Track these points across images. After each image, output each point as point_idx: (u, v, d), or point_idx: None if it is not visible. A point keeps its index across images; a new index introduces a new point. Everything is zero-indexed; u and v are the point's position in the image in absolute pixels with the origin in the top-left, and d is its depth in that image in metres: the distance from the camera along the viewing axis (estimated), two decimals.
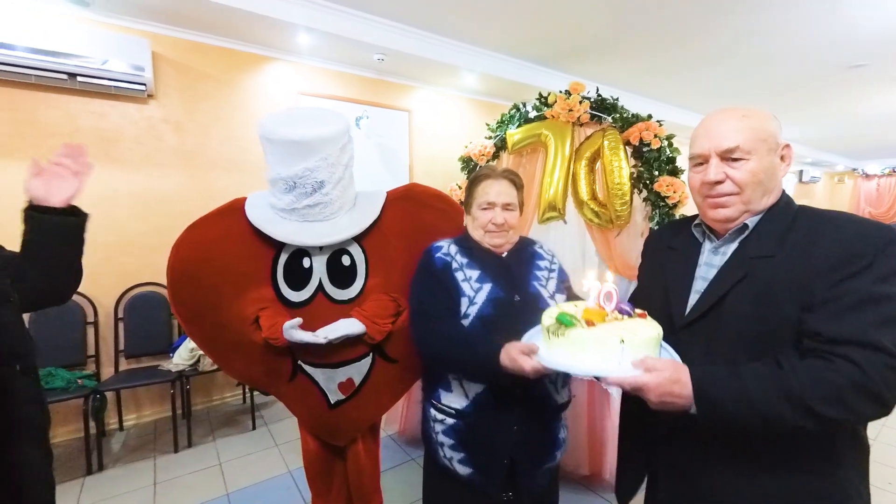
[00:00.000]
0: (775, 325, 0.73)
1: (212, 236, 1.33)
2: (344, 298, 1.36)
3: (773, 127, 0.80)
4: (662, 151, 2.49)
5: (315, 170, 1.25)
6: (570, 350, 0.79)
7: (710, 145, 0.81)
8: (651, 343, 0.77)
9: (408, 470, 2.28)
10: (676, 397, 0.71)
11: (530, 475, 1.10)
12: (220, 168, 3.01)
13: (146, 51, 2.54)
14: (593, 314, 0.82)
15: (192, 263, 1.31)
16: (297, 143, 1.23)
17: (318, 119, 1.31)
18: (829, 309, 0.68)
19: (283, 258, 1.34)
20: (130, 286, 2.73)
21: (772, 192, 0.81)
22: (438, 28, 3.19)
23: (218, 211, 1.38)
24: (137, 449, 2.51)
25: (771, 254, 0.76)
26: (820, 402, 0.65)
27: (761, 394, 0.68)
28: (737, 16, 3.00)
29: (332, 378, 1.38)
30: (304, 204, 1.28)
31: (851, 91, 4.80)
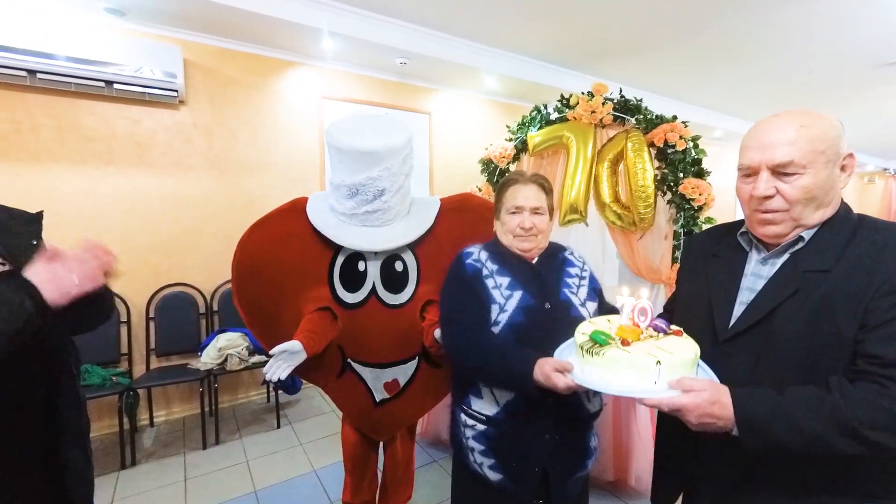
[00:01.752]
0: (830, 344, 0.70)
1: (276, 236, 1.40)
2: (395, 303, 1.41)
3: (836, 135, 0.74)
4: (687, 153, 2.46)
5: (378, 179, 1.30)
6: (605, 369, 0.78)
7: (760, 158, 0.75)
8: (688, 364, 0.75)
9: (431, 472, 2.30)
10: (717, 418, 0.69)
11: (563, 484, 1.10)
12: (245, 171, 3.08)
13: (178, 58, 2.62)
14: (628, 332, 0.80)
15: (256, 261, 1.38)
16: (364, 154, 1.27)
17: (383, 130, 1.35)
18: (888, 330, 0.66)
19: (340, 260, 1.40)
20: (161, 286, 2.81)
21: (828, 206, 0.76)
22: (459, 30, 3.20)
23: (281, 211, 1.44)
24: (168, 445, 2.58)
25: (827, 268, 0.73)
26: (871, 430, 0.63)
27: (809, 419, 0.65)
28: (763, 15, 2.94)
29: (379, 378, 1.44)
30: (363, 210, 1.33)
31: (882, 89, 4.64)
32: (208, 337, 2.79)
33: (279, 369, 1.22)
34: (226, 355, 2.63)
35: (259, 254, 1.39)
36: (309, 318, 1.33)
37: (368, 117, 1.45)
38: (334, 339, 1.38)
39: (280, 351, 1.21)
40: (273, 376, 1.21)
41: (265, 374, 1.23)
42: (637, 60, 3.82)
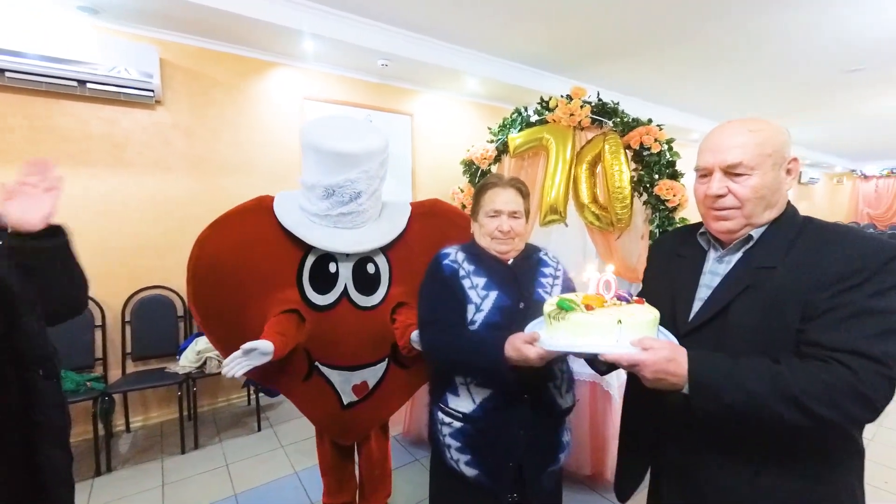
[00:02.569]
0: (779, 336, 0.75)
1: (241, 234, 1.35)
2: (367, 305, 1.40)
3: (781, 141, 0.81)
4: (662, 155, 2.52)
5: (356, 181, 1.30)
6: (570, 332, 0.81)
7: (714, 160, 0.82)
8: (648, 325, 0.79)
9: (412, 470, 2.31)
10: (671, 375, 0.73)
11: (537, 478, 1.12)
12: (227, 172, 3.05)
13: (154, 57, 2.59)
14: (592, 300, 0.84)
15: (219, 260, 1.33)
16: (344, 155, 1.27)
17: (362, 132, 1.35)
18: (827, 319, 0.71)
19: (310, 261, 1.37)
20: (138, 289, 2.76)
21: (775, 206, 0.82)
22: (441, 33, 3.23)
23: (244, 209, 1.39)
24: (145, 450, 2.54)
25: (775, 265, 0.78)
26: (813, 400, 0.67)
27: (755, 381, 0.70)
28: (737, 20, 3.04)
29: (348, 380, 1.42)
30: (338, 211, 1.32)
31: (850, 94, 4.84)
32: (187, 340, 2.75)
33: (238, 366, 1.16)
34: (205, 358, 2.60)
35: (222, 253, 1.32)
36: (277, 321, 1.30)
37: (345, 118, 1.45)
38: (301, 342, 1.36)
39: (251, 348, 1.16)
40: (230, 372, 1.16)
41: (222, 369, 1.18)
42: (615, 64, 3.91)
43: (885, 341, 0.67)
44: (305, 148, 1.33)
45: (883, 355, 0.67)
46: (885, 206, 10.83)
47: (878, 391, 0.67)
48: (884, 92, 4.76)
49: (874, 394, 0.67)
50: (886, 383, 0.67)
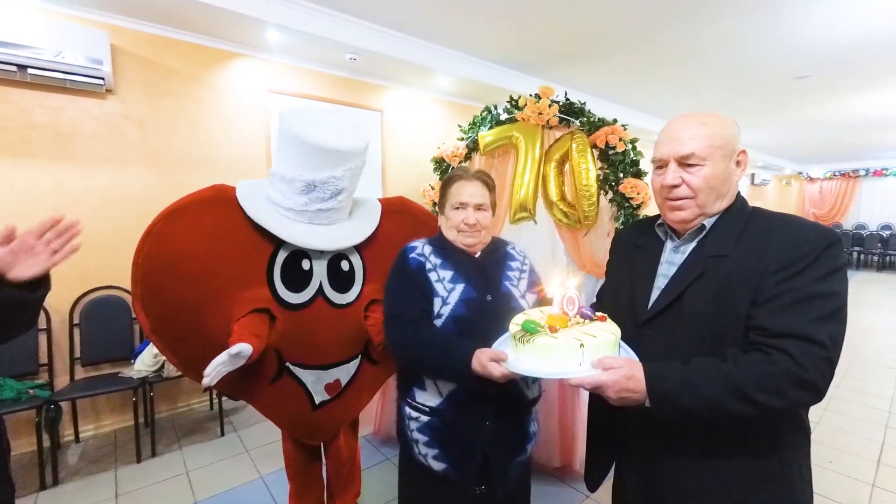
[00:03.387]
0: (730, 321, 0.78)
1: (204, 227, 1.23)
2: (343, 302, 1.38)
3: (731, 133, 0.84)
4: (627, 154, 2.60)
5: (340, 178, 1.26)
6: (535, 355, 0.83)
7: (669, 151, 0.86)
8: (609, 345, 0.82)
9: (383, 469, 2.28)
10: (632, 392, 0.76)
11: (503, 469, 1.13)
12: (187, 166, 2.91)
13: (104, 43, 2.43)
14: (556, 320, 0.86)
15: (178, 256, 1.19)
16: (334, 152, 1.22)
17: (347, 128, 1.31)
18: (772, 305, 0.74)
19: (282, 258, 1.30)
20: (88, 289, 2.60)
21: (725, 196, 0.86)
22: (411, 29, 3.20)
23: (204, 198, 1.27)
24: (96, 461, 2.39)
25: (726, 253, 0.81)
26: (759, 392, 0.71)
27: (706, 384, 0.73)
28: (693, 28, 3.18)
29: (322, 379, 1.39)
30: (316, 207, 1.27)
31: (797, 100, 5.15)
32: (143, 343, 2.61)
33: (219, 375, 1.09)
34: (162, 361, 2.47)
35: (181, 247, 1.19)
36: (249, 321, 1.22)
37: (328, 112, 1.38)
38: (271, 343, 1.30)
39: (236, 353, 1.08)
40: (213, 381, 1.09)
41: (206, 376, 1.09)
42: (582, 66, 4.00)
43: (825, 324, 0.72)
44: (286, 139, 1.23)
45: (824, 338, 0.70)
46: (829, 207, 11.63)
47: (819, 374, 0.70)
48: (828, 99, 5.09)
49: (816, 377, 0.70)
50: (826, 365, 0.71)
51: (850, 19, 3.00)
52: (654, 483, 0.90)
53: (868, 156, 10.17)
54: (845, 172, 11.28)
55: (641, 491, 0.93)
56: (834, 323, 0.73)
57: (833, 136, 7.48)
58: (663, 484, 0.88)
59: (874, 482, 2.16)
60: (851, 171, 11.18)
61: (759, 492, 0.80)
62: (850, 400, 3.11)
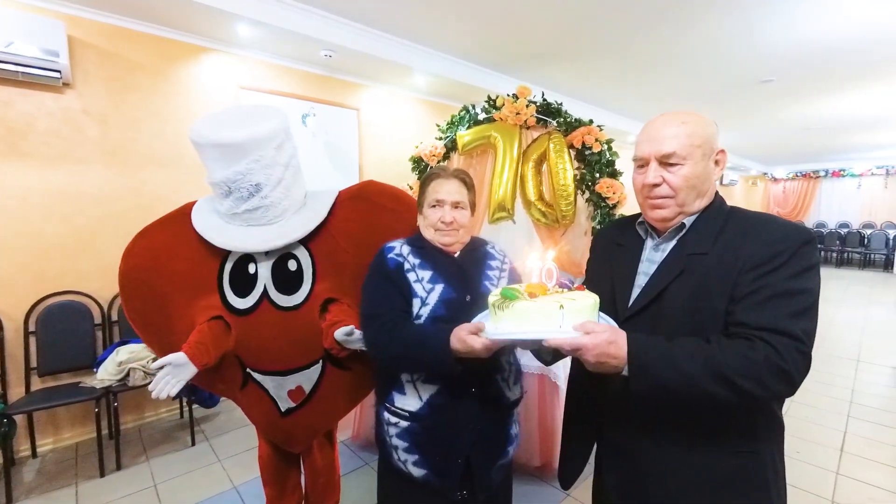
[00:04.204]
0: (708, 318, 0.79)
1: (159, 244, 1.31)
2: (289, 305, 1.30)
3: (710, 132, 0.85)
4: (603, 155, 2.63)
5: (248, 172, 1.19)
6: (514, 321, 0.81)
7: (649, 150, 0.86)
8: (588, 309, 0.81)
9: (362, 475, 2.24)
10: (611, 357, 0.75)
11: (485, 473, 1.11)
12: (153, 165, 2.78)
13: (61, 34, 2.29)
14: (535, 288, 0.86)
15: (142, 272, 1.29)
16: (225, 146, 1.17)
17: (248, 119, 1.24)
18: (751, 300, 0.76)
19: (230, 265, 1.30)
20: (45, 295, 2.45)
21: (705, 195, 0.87)
22: (388, 26, 3.16)
23: (167, 217, 1.35)
24: (56, 476, 2.25)
25: (705, 251, 0.82)
26: (739, 376, 0.71)
27: (688, 360, 0.73)
28: (666, 33, 3.25)
29: (282, 386, 1.34)
30: (243, 208, 1.23)
31: (763, 103, 5.36)
32: (106, 350, 2.48)
33: (167, 385, 1.11)
34: (127, 369, 2.35)
35: (144, 263, 1.30)
36: (199, 329, 1.23)
37: (240, 108, 1.37)
38: (231, 348, 1.28)
39: (163, 364, 1.11)
40: (161, 393, 1.10)
41: (151, 391, 1.11)
42: (558, 66, 4.04)
43: (801, 319, 0.73)
44: (195, 146, 1.24)
45: (800, 332, 0.72)
46: (792, 206, 12.17)
47: (796, 366, 0.72)
48: (791, 103, 5.31)
49: (793, 369, 0.72)
50: (802, 358, 0.73)
51: (814, 26, 3.13)
52: (631, 478, 0.90)
53: (827, 158, 10.69)
54: (806, 173, 11.83)
55: (620, 487, 0.94)
56: (807, 318, 0.74)
57: (795, 138, 7.82)
58: (642, 479, 0.88)
59: (838, 470, 2.26)
60: (812, 172, 11.73)
61: (735, 486, 0.81)
62: (815, 391, 3.24)
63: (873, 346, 4.27)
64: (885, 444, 2.50)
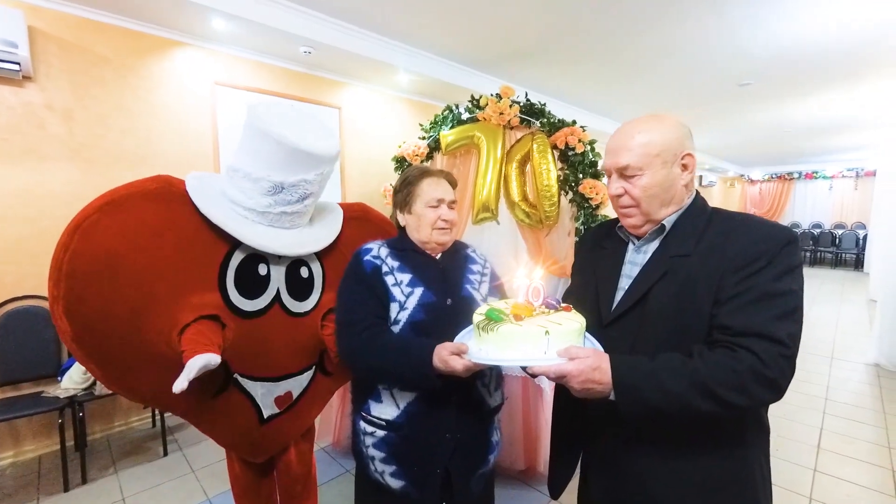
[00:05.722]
0: (693, 320, 0.78)
1: (145, 223, 1.07)
2: (300, 311, 1.30)
3: (670, 138, 0.82)
4: (586, 155, 2.62)
5: (311, 182, 1.20)
6: (499, 344, 0.80)
7: (609, 162, 0.87)
8: (574, 334, 0.79)
9: (342, 483, 2.18)
10: (596, 383, 0.74)
11: (465, 483, 1.08)
12: (123, 163, 2.66)
13: (19, 24, 2.17)
14: (521, 309, 0.84)
15: (112, 253, 1.03)
16: (309, 155, 1.15)
17: (323, 132, 1.26)
18: (734, 303, 0.74)
19: (236, 261, 1.18)
20: (5, 300, 2.31)
21: (671, 201, 0.85)
22: (369, 23, 3.10)
23: (146, 190, 1.11)
24: (15, 492, 2.13)
25: (688, 253, 0.81)
26: (723, 388, 0.70)
27: (673, 381, 0.72)
28: (650, 34, 3.27)
29: (272, 392, 1.29)
30: (280, 210, 1.19)
31: (741, 106, 5.47)
32: (71, 358, 2.36)
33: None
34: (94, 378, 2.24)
35: (117, 245, 1.03)
36: (203, 329, 1.09)
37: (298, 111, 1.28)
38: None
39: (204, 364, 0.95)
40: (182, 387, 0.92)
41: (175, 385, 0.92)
42: (541, 68, 4.04)
43: (785, 323, 0.72)
44: (257, 135, 1.12)
45: (783, 336, 0.71)
46: (768, 207, 12.51)
47: (781, 372, 0.71)
48: (768, 106, 5.44)
49: (778, 375, 0.71)
50: (787, 363, 0.72)
51: (790, 30, 3.19)
52: (618, 485, 0.89)
53: (801, 160, 11.03)
54: (781, 175, 12.18)
55: (606, 493, 0.92)
56: (791, 321, 0.73)
57: (771, 140, 8.03)
58: (628, 485, 0.87)
59: (815, 467, 2.29)
60: (786, 174, 12.09)
61: (723, 492, 0.80)
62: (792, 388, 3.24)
63: (846, 343, 4.39)
64: (860, 440, 2.56)
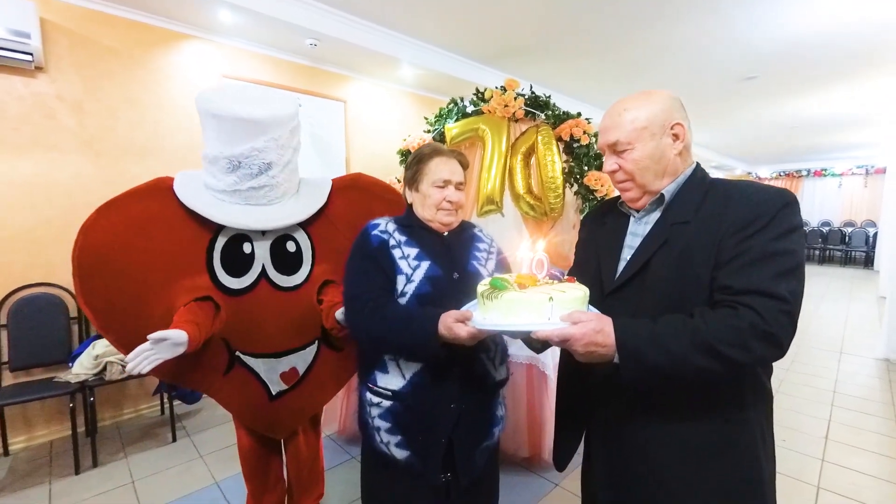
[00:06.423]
0: (692, 286, 0.79)
1: (133, 218, 1.20)
2: (289, 285, 1.32)
3: (656, 111, 0.85)
4: (591, 147, 2.62)
5: (263, 150, 1.19)
6: (503, 311, 0.81)
7: (601, 141, 0.91)
8: (578, 301, 0.80)
9: (348, 469, 2.20)
10: (600, 346, 0.75)
11: (469, 454, 1.09)
12: (131, 154, 2.70)
13: (32, 15, 2.21)
14: (525, 279, 0.85)
15: (107, 248, 1.17)
16: (248, 122, 1.16)
17: (268, 99, 1.26)
18: (734, 264, 0.76)
19: (221, 243, 1.25)
20: (16, 288, 2.36)
21: (665, 171, 0.87)
22: (375, 17, 3.11)
23: (138, 190, 1.24)
24: (28, 475, 2.17)
25: (687, 220, 0.82)
26: (725, 345, 0.71)
27: (674, 339, 0.73)
28: (654, 27, 3.26)
29: (275, 368, 1.33)
30: (248, 186, 1.22)
31: (746, 102, 5.42)
32: (82, 344, 2.40)
33: (145, 360, 1.01)
34: (104, 363, 2.28)
35: (110, 241, 1.17)
36: (187, 309, 1.16)
37: (250, 87, 1.36)
38: (216, 332, 1.23)
39: (160, 338, 1.01)
40: (137, 367, 1.01)
41: (127, 365, 1.02)
42: (545, 61, 4.04)
43: (785, 280, 0.73)
44: (204, 116, 1.20)
45: (784, 293, 0.72)
46: None
47: (781, 327, 0.72)
48: (775, 101, 5.39)
49: (778, 330, 0.71)
50: (787, 319, 0.72)
51: (797, 22, 3.16)
52: (619, 455, 0.90)
53: (809, 157, 10.91)
54: (790, 173, 12.05)
55: (608, 464, 0.93)
56: (793, 279, 0.74)
57: (779, 137, 7.95)
58: (629, 455, 0.88)
59: (823, 457, 2.29)
60: (795, 172, 11.96)
61: (723, 456, 0.81)
62: (799, 382, 3.29)
63: (855, 339, 4.35)
64: (868, 431, 2.54)
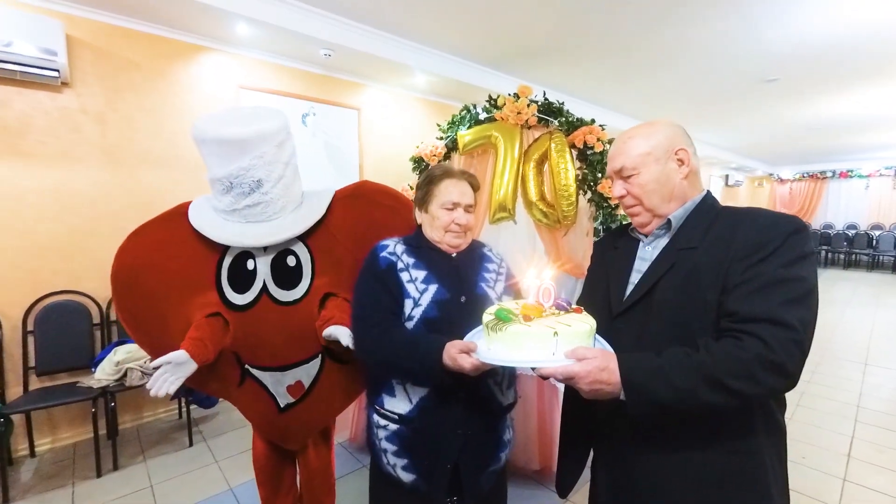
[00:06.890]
0: (698, 310, 0.78)
1: (153, 242, 1.31)
2: (289, 300, 1.33)
3: (660, 138, 0.88)
4: (605, 154, 2.59)
5: (251, 168, 1.21)
6: (507, 344, 0.80)
7: (609, 168, 0.95)
8: (584, 335, 0.79)
9: (359, 477, 2.22)
10: (605, 384, 0.74)
11: (475, 479, 1.09)
12: (149, 164, 2.77)
13: (59, 33, 2.29)
14: (531, 310, 0.84)
15: (133, 270, 1.28)
16: (230, 142, 1.19)
17: (252, 117, 1.27)
18: (741, 290, 0.74)
19: (228, 261, 1.31)
20: (42, 295, 2.44)
21: (672, 195, 0.88)
22: (388, 25, 3.14)
23: (162, 216, 1.35)
24: (53, 476, 2.24)
25: (695, 245, 0.83)
26: (731, 378, 0.69)
27: (680, 374, 0.72)
28: (669, 32, 3.20)
29: (281, 381, 1.35)
30: (243, 204, 1.24)
31: (767, 103, 5.29)
32: (104, 350, 2.48)
33: (166, 383, 1.10)
34: (125, 369, 2.34)
35: (136, 262, 1.29)
36: (196, 325, 1.23)
37: (241, 108, 1.40)
38: (228, 345, 1.28)
39: (162, 362, 1.10)
40: (159, 391, 1.09)
41: (149, 389, 1.10)
42: (559, 66, 4.00)
43: (795, 308, 0.71)
44: (198, 144, 1.24)
45: (794, 321, 0.70)
46: (798, 207, 12.03)
47: (789, 356, 0.69)
48: (797, 102, 5.24)
49: (786, 359, 0.69)
50: (796, 347, 0.70)
51: (819, 24, 3.07)
52: (626, 481, 0.89)
53: (834, 158, 10.56)
54: (813, 174, 11.69)
55: (613, 488, 0.92)
56: (803, 307, 0.72)
57: (802, 138, 7.72)
58: (635, 482, 0.87)
59: (845, 476, 2.21)
60: (819, 173, 11.59)
61: (731, 485, 0.79)
62: (821, 395, 3.18)
63: (881, 349, 4.20)
64: (894, 450, 2.45)
